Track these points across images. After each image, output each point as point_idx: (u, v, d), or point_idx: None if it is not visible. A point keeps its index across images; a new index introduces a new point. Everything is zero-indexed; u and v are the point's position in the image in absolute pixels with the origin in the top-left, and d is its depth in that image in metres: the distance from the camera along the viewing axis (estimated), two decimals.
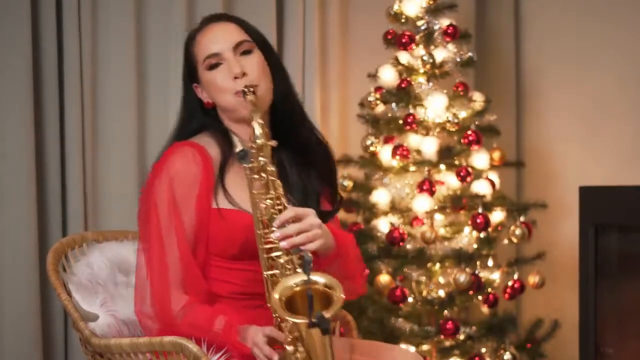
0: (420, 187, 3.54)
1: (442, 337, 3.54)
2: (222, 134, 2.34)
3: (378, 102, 3.71)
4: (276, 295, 2.05)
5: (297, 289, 2.07)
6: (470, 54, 3.71)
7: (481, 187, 3.62)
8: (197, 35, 2.34)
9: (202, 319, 2.19)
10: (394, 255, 3.56)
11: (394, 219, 3.58)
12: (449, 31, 3.66)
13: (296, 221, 2.16)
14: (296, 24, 3.82)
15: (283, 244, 2.14)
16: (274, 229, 2.15)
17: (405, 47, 3.66)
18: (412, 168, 3.62)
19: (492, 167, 3.73)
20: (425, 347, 3.56)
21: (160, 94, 3.55)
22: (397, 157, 3.58)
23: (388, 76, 3.68)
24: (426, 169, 3.58)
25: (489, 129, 3.72)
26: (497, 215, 3.68)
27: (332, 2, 3.95)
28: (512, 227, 3.67)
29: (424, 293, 3.59)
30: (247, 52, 2.32)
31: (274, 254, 2.16)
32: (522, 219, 3.67)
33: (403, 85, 3.64)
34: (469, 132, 3.62)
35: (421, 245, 3.54)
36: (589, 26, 4.15)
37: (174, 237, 2.22)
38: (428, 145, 3.59)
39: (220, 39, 2.31)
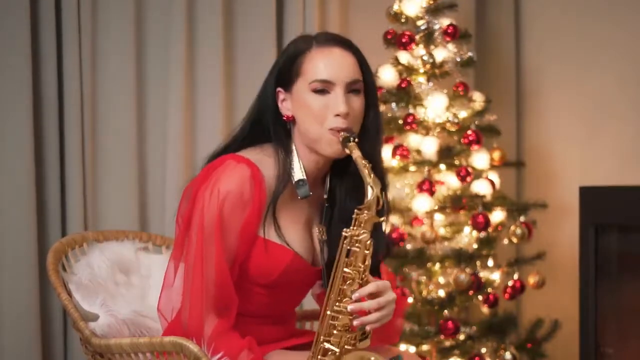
0: (420, 187, 3.54)
1: (442, 337, 3.54)
2: (285, 155, 2.20)
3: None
4: None
5: None
6: (470, 54, 3.71)
7: (481, 187, 3.62)
8: (314, 49, 2.17)
9: (229, 348, 2.14)
10: (394, 255, 3.56)
11: (394, 219, 3.58)
12: (449, 31, 3.66)
13: (373, 297, 2.11)
14: (296, 24, 3.82)
15: (355, 322, 2.09)
16: (350, 299, 2.09)
17: (405, 47, 3.66)
18: (412, 168, 3.62)
19: (492, 167, 3.73)
20: (425, 347, 3.56)
21: (160, 94, 3.55)
22: (397, 157, 3.58)
23: (388, 76, 3.67)
24: (426, 169, 3.59)
25: (489, 129, 3.72)
26: (497, 215, 3.68)
27: (332, 2, 3.94)
28: (512, 227, 3.67)
29: (424, 293, 3.59)
30: (355, 92, 2.18)
31: (337, 322, 2.11)
32: (522, 219, 3.68)
33: (403, 85, 3.64)
34: (469, 132, 3.62)
35: (421, 245, 3.54)
36: (589, 26, 4.15)
37: (214, 258, 2.13)
38: (428, 145, 3.59)
39: (338, 69, 2.15)
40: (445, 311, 3.56)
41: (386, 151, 3.64)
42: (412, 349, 3.52)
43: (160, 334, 2.31)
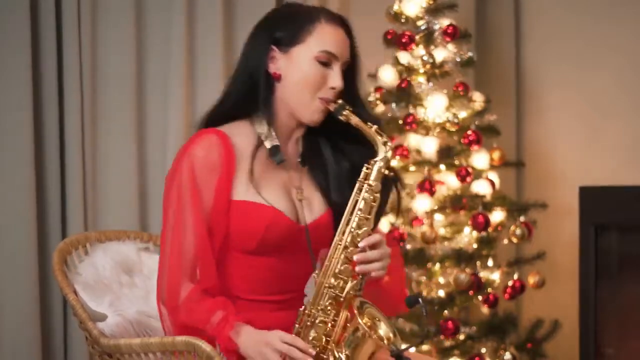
0: (420, 187, 3.54)
1: (442, 337, 3.54)
2: (264, 114, 2.27)
3: (378, 102, 3.71)
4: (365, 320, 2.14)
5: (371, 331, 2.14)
6: (470, 54, 3.71)
7: (481, 187, 3.62)
8: (325, 22, 2.26)
9: (202, 310, 2.17)
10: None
11: (394, 219, 3.58)
12: (449, 31, 3.66)
13: (375, 247, 2.19)
14: None
15: (359, 267, 2.17)
16: (358, 248, 2.18)
17: (405, 47, 3.66)
18: (412, 168, 3.62)
19: (492, 167, 3.73)
20: (425, 347, 3.56)
21: (160, 94, 3.54)
22: (397, 157, 3.58)
23: (388, 76, 3.67)
24: (426, 169, 3.59)
25: (489, 129, 3.72)
26: (497, 215, 3.68)
27: (332, 2, 3.94)
28: (512, 227, 3.67)
29: (424, 293, 3.59)
30: (343, 72, 2.28)
31: (339, 269, 2.18)
32: (522, 219, 3.68)
33: (403, 85, 3.64)
34: (469, 132, 3.62)
35: (421, 245, 3.54)
36: (589, 26, 4.15)
37: (191, 223, 2.20)
38: (428, 145, 3.59)
39: (342, 49, 2.26)
40: (445, 311, 3.56)
41: None
42: (412, 349, 3.52)
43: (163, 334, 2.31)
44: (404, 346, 2.13)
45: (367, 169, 2.20)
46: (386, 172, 2.20)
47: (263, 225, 2.22)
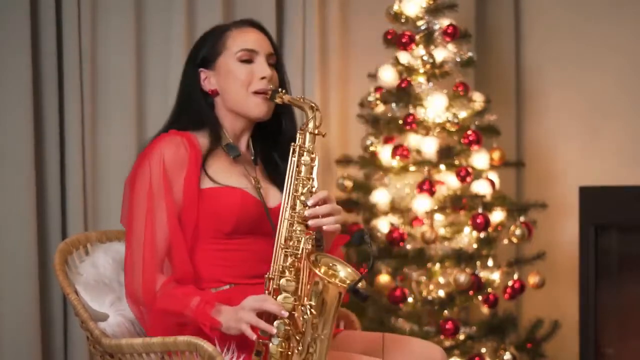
0: (420, 187, 3.54)
1: (442, 337, 3.54)
2: (213, 127, 2.45)
3: (378, 102, 3.71)
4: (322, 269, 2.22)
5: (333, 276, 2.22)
6: (470, 54, 3.71)
7: (481, 187, 3.62)
8: (235, 29, 2.47)
9: (180, 295, 2.25)
10: (394, 255, 3.56)
11: (394, 219, 3.58)
12: (449, 31, 3.66)
13: (325, 203, 2.29)
14: (296, 24, 3.82)
15: (312, 222, 2.27)
16: (303, 207, 2.28)
17: (405, 47, 3.66)
18: (412, 168, 3.62)
19: (492, 167, 3.73)
20: None
21: (160, 95, 3.54)
22: (397, 157, 3.58)
23: (388, 76, 3.67)
24: (426, 169, 3.59)
25: (489, 129, 3.72)
26: (497, 215, 3.68)
27: (332, 2, 3.94)
28: (512, 227, 3.67)
29: (424, 293, 3.59)
30: (272, 65, 2.47)
31: (294, 229, 2.28)
32: (522, 219, 3.68)
33: (403, 85, 3.64)
34: (469, 132, 3.62)
35: (421, 245, 3.54)
36: (589, 26, 4.15)
37: (165, 216, 2.32)
38: (428, 145, 3.59)
39: (260, 43, 2.46)
40: (445, 311, 3.56)
41: (386, 151, 3.64)
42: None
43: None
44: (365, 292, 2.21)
45: (300, 133, 2.33)
46: (316, 132, 2.32)
47: (237, 205, 2.35)
